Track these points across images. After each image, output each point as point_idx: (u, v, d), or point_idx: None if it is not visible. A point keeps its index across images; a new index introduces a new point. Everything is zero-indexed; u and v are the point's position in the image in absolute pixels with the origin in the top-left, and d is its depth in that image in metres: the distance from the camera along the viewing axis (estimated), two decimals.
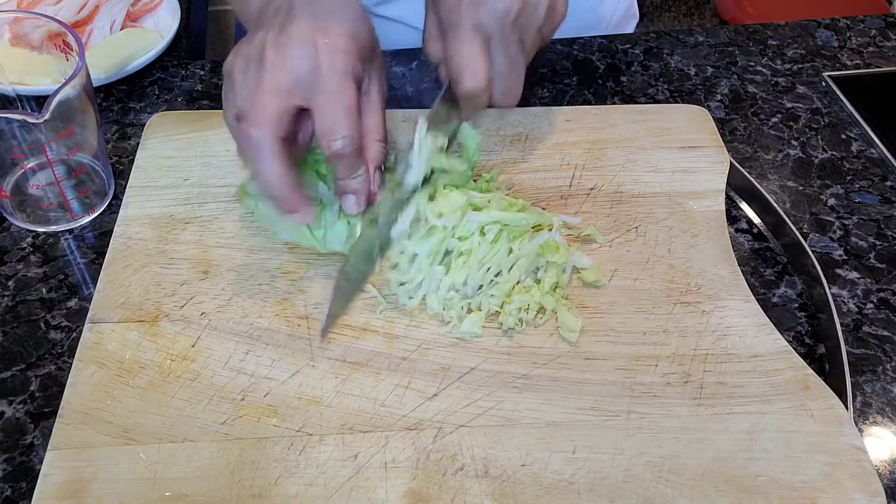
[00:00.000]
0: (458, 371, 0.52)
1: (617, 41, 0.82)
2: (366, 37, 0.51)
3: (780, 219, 0.63)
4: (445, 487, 0.47)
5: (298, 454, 0.48)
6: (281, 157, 0.48)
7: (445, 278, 0.54)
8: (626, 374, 0.52)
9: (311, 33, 0.48)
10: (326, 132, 0.48)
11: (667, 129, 0.69)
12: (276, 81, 0.48)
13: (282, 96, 0.48)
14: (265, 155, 0.48)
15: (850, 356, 0.56)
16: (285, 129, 0.48)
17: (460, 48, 0.52)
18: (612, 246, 0.60)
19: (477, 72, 0.53)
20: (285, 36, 0.48)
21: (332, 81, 0.48)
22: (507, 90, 0.55)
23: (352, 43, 0.49)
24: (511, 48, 0.53)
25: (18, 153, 0.59)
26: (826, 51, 0.83)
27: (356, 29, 0.50)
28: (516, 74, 0.55)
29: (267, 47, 0.48)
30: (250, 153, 0.48)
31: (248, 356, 0.52)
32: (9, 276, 0.59)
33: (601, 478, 0.47)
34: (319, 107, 0.48)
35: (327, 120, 0.48)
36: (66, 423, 0.48)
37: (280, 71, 0.48)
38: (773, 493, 0.47)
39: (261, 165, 0.48)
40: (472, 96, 0.54)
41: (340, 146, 0.49)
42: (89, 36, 0.78)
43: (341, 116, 0.48)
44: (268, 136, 0.47)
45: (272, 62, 0.48)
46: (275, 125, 0.47)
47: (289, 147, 0.49)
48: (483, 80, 0.53)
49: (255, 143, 0.47)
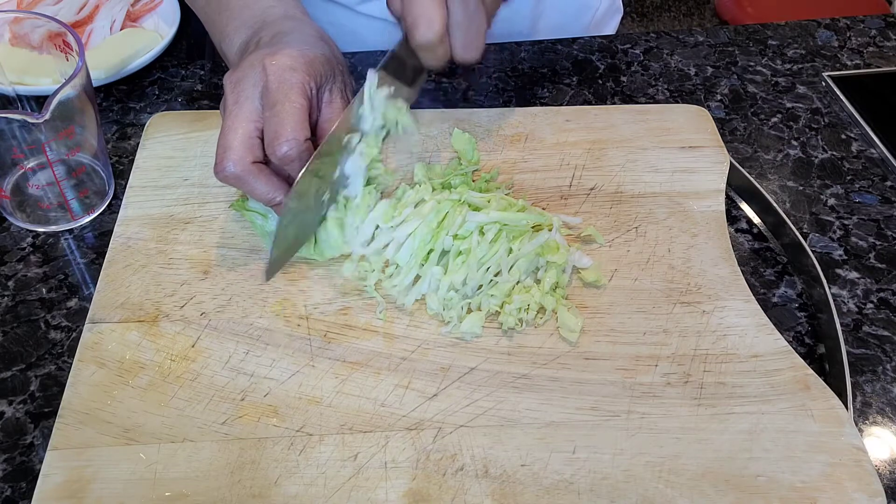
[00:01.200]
0: (458, 371, 0.52)
1: (617, 41, 0.82)
2: (319, 56, 0.55)
3: (780, 219, 0.63)
4: (445, 487, 0.47)
5: (298, 454, 0.48)
6: (261, 176, 0.53)
7: (445, 278, 0.54)
8: (626, 374, 0.52)
9: (260, 59, 0.53)
10: (272, 138, 0.52)
11: (667, 129, 0.69)
12: (234, 115, 0.53)
13: (241, 127, 0.52)
14: (246, 182, 0.53)
15: (850, 356, 0.56)
16: (255, 153, 0.53)
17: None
18: (612, 246, 0.60)
19: (432, 22, 0.52)
20: (240, 68, 0.54)
21: (278, 93, 0.52)
22: (466, 43, 0.55)
23: (299, 60, 0.53)
24: (470, 2, 0.53)
25: (18, 153, 0.59)
26: (826, 51, 0.83)
27: (306, 51, 0.54)
28: (476, 27, 0.54)
29: (226, 84, 0.54)
30: (235, 185, 0.53)
31: (248, 356, 0.52)
32: (9, 276, 0.59)
33: (601, 478, 0.47)
34: (267, 118, 0.53)
35: (273, 127, 0.52)
36: (66, 423, 0.48)
37: (235, 104, 0.53)
38: (773, 493, 0.47)
39: (249, 191, 0.53)
40: (427, 47, 0.54)
41: (286, 150, 0.52)
42: (89, 36, 0.78)
43: (286, 122, 0.52)
44: (239, 168, 0.52)
45: (231, 97, 0.53)
46: (242, 156, 0.52)
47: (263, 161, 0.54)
48: (439, 30, 0.53)
49: (233, 179, 0.52)
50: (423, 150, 0.66)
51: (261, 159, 0.53)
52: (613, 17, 0.96)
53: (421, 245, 0.55)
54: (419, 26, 0.53)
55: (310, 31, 0.58)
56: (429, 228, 0.55)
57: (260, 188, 0.53)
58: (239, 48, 0.60)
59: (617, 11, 0.96)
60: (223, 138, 0.52)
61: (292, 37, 0.56)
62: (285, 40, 0.55)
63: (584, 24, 0.92)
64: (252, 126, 0.53)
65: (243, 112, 0.53)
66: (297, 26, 0.58)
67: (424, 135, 0.67)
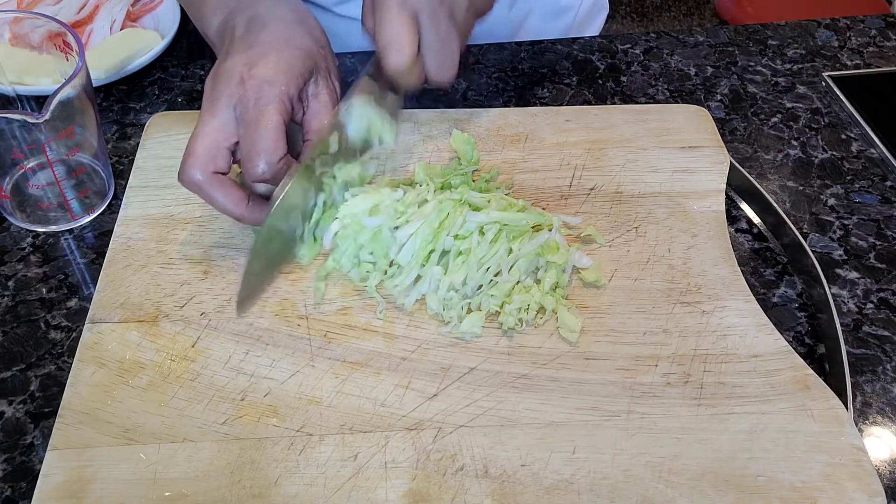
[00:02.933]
0: (458, 371, 0.52)
1: (617, 41, 0.82)
2: (298, 54, 0.54)
3: (780, 219, 0.63)
4: (445, 487, 0.47)
5: (298, 454, 0.48)
6: (220, 188, 0.52)
7: (445, 278, 0.54)
8: (626, 374, 0.52)
9: (239, 69, 0.53)
10: (246, 158, 0.52)
11: (667, 129, 0.69)
12: (206, 123, 0.52)
13: (210, 136, 0.52)
14: (204, 191, 0.53)
15: (850, 356, 0.56)
16: (220, 164, 0.53)
17: (386, 24, 0.53)
18: (612, 246, 0.60)
19: (402, 48, 0.53)
20: (219, 74, 0.53)
21: (254, 111, 0.52)
22: (439, 66, 0.55)
23: (277, 71, 0.53)
24: (441, 24, 0.53)
25: (18, 153, 0.59)
26: (826, 51, 0.83)
27: (284, 52, 0.54)
28: (449, 50, 0.55)
29: (206, 85, 0.54)
30: (195, 192, 0.53)
31: (248, 356, 0.52)
32: (9, 276, 0.59)
33: (601, 478, 0.47)
34: (242, 136, 0.52)
35: (247, 147, 0.52)
36: (66, 423, 0.48)
37: (209, 111, 0.53)
38: (773, 493, 0.47)
39: (208, 200, 0.53)
40: (397, 72, 0.54)
41: (260, 170, 0.52)
42: (89, 36, 0.78)
43: (260, 142, 0.51)
44: (199, 176, 0.52)
45: (206, 101, 0.53)
46: (204, 165, 0.52)
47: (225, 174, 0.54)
48: (408, 56, 0.53)
49: (193, 186, 0.52)
50: (423, 150, 0.66)
51: (224, 171, 0.53)
52: (599, 15, 0.96)
53: (423, 245, 0.55)
54: (390, 52, 0.53)
55: (287, 14, 0.57)
56: (430, 228, 0.55)
57: (219, 199, 0.53)
58: (216, 30, 0.59)
59: (602, 9, 0.96)
60: (190, 144, 0.52)
61: (271, 29, 0.55)
62: (265, 38, 0.54)
63: (566, 23, 0.92)
64: (221, 137, 0.52)
65: (215, 122, 0.52)
66: (274, 7, 0.57)
67: (424, 135, 0.67)
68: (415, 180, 0.62)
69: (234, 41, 0.55)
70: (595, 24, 0.96)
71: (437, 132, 0.67)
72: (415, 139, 0.67)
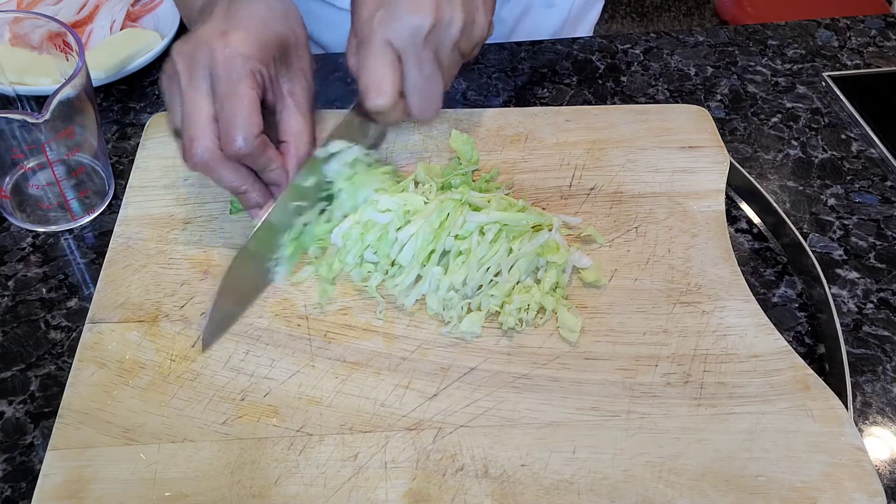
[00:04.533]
0: (458, 371, 0.52)
1: (617, 41, 0.82)
2: (273, 38, 0.53)
3: (780, 219, 0.63)
4: (445, 487, 0.47)
5: (298, 454, 0.48)
6: (228, 164, 0.52)
7: (445, 278, 0.54)
8: (626, 374, 0.52)
9: (211, 38, 0.51)
10: (223, 134, 0.51)
11: (667, 129, 0.69)
12: (193, 100, 0.51)
13: (204, 113, 0.51)
14: (214, 170, 0.52)
15: (850, 356, 0.56)
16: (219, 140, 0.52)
17: (369, 64, 0.53)
18: (612, 246, 0.60)
19: (383, 89, 0.53)
20: (190, 41, 0.52)
21: (227, 84, 0.51)
22: (423, 105, 0.55)
23: (251, 46, 0.51)
24: (425, 65, 0.53)
25: (18, 153, 0.59)
26: (826, 51, 0.83)
27: (260, 31, 0.52)
28: (432, 90, 0.55)
29: (176, 57, 0.52)
30: (204, 172, 0.52)
31: (248, 356, 0.52)
32: (9, 276, 0.59)
33: (601, 478, 0.47)
34: (218, 111, 0.51)
35: (224, 123, 0.51)
36: (66, 423, 0.48)
37: (190, 86, 0.51)
38: (773, 493, 0.47)
39: (216, 179, 0.53)
40: (379, 112, 0.54)
41: (237, 146, 0.51)
42: (89, 36, 0.78)
43: (237, 117, 0.51)
44: (208, 156, 0.51)
45: (184, 75, 0.52)
46: (211, 144, 0.51)
47: None
48: (389, 97, 0.53)
49: (202, 166, 0.52)
50: (423, 150, 0.66)
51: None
52: (595, 6, 0.96)
53: (423, 245, 0.55)
54: (370, 92, 0.53)
55: (273, 4, 0.56)
56: (431, 228, 0.55)
57: (227, 176, 0.52)
58: (199, 9, 0.58)
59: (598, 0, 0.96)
60: (189, 126, 0.51)
61: (253, 8, 0.54)
62: (244, 14, 0.53)
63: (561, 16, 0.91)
64: (213, 110, 0.52)
65: (201, 96, 0.51)
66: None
67: (424, 135, 0.67)
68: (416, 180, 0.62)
69: (213, 15, 0.54)
70: (593, 13, 0.96)
71: (437, 132, 0.67)
72: (415, 139, 0.67)
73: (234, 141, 0.51)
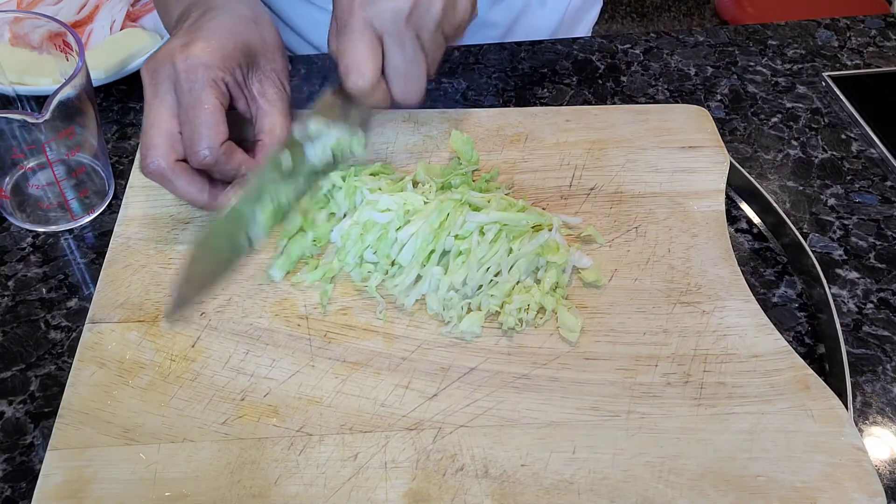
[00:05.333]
0: (458, 371, 0.52)
1: (617, 41, 0.82)
2: (239, 45, 0.54)
3: (780, 219, 0.63)
4: (445, 487, 0.47)
5: (298, 454, 0.48)
6: (183, 175, 0.53)
7: (445, 278, 0.54)
8: (626, 374, 0.52)
9: (174, 51, 0.53)
10: (188, 145, 0.53)
11: (667, 129, 0.69)
12: (155, 111, 0.53)
13: (163, 124, 0.53)
14: (169, 181, 0.53)
15: (850, 356, 0.56)
16: (178, 150, 0.53)
17: (349, 45, 0.53)
18: (612, 246, 0.60)
19: (363, 69, 0.53)
20: (156, 58, 0.54)
21: (190, 95, 0.52)
22: (405, 88, 0.55)
23: (213, 54, 0.53)
24: (407, 46, 0.53)
25: (18, 153, 0.59)
26: (826, 51, 0.83)
27: (225, 40, 0.54)
28: (415, 73, 0.55)
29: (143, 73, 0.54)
30: (159, 182, 0.54)
31: (248, 356, 0.52)
32: (9, 276, 0.59)
33: (601, 478, 0.47)
34: (182, 122, 0.53)
35: (188, 133, 0.52)
36: (66, 423, 0.48)
37: (154, 98, 0.53)
38: (773, 493, 0.47)
39: (172, 189, 0.54)
40: (359, 94, 0.54)
41: (202, 157, 0.52)
42: (89, 36, 0.78)
43: (200, 128, 0.52)
44: (164, 166, 0.53)
45: (149, 90, 0.53)
46: (166, 154, 0.52)
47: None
48: (368, 79, 0.53)
49: (157, 176, 0.53)
50: (423, 150, 0.66)
51: (183, 157, 0.54)
52: (593, 8, 0.96)
53: (423, 245, 0.55)
54: (350, 73, 0.53)
55: (242, 11, 0.57)
56: (431, 228, 0.55)
57: (182, 187, 0.53)
58: (175, 20, 0.59)
59: (596, 2, 0.96)
60: (146, 136, 0.53)
61: (219, 20, 0.55)
62: (209, 25, 0.54)
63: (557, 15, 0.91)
64: (174, 122, 0.53)
65: (164, 108, 0.53)
66: (231, 3, 0.57)
67: (424, 135, 0.67)
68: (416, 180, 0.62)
69: (181, 28, 0.56)
70: (591, 15, 0.96)
71: (437, 132, 0.67)
72: (415, 139, 0.67)
73: (198, 151, 0.52)
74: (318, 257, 0.58)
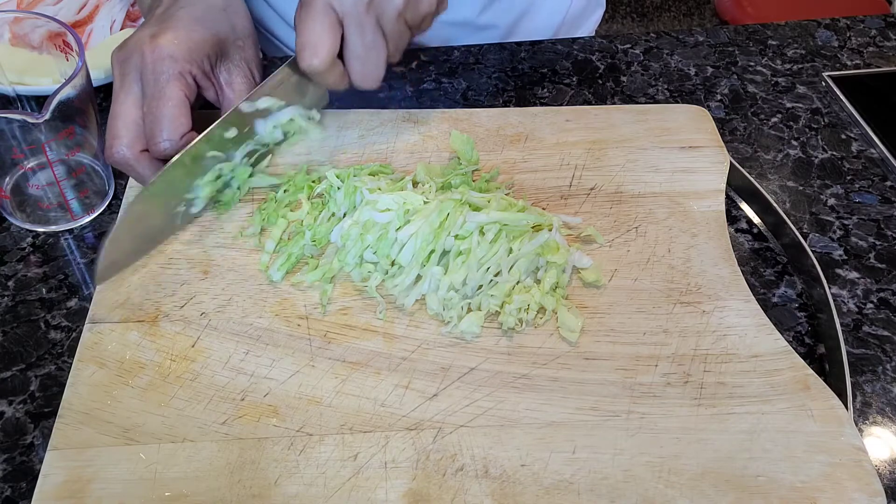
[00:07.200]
0: (458, 371, 0.52)
1: (617, 41, 0.82)
2: (208, 38, 0.55)
3: (780, 219, 0.63)
4: (445, 487, 0.47)
5: (298, 454, 0.48)
6: (149, 164, 0.54)
7: (444, 278, 0.54)
8: (626, 374, 0.52)
9: (142, 42, 0.54)
10: (149, 135, 0.54)
11: (667, 129, 0.69)
12: (121, 101, 0.54)
13: (129, 114, 0.54)
14: (133, 169, 0.55)
15: (850, 356, 0.56)
16: (143, 140, 0.54)
17: (307, 25, 0.53)
18: (612, 246, 0.60)
19: (318, 50, 0.53)
20: (126, 48, 0.55)
21: (154, 87, 0.53)
22: (363, 72, 0.56)
23: (180, 47, 0.54)
24: (367, 31, 0.53)
25: (18, 153, 0.59)
26: (826, 51, 0.83)
27: (194, 31, 0.55)
28: (373, 58, 0.55)
29: (113, 61, 0.55)
30: (124, 170, 0.55)
31: (248, 356, 0.52)
32: (9, 276, 0.59)
33: (601, 478, 0.47)
34: (145, 113, 0.54)
35: (150, 124, 0.54)
36: (66, 423, 0.48)
37: (121, 88, 0.54)
38: (773, 493, 0.47)
39: (136, 177, 0.56)
40: (312, 73, 0.55)
41: (163, 148, 0.53)
42: (89, 36, 0.78)
43: (162, 119, 0.53)
44: (128, 155, 0.54)
45: (117, 80, 0.55)
46: (131, 143, 0.54)
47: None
48: (322, 59, 0.53)
49: (122, 164, 0.55)
50: (423, 150, 0.66)
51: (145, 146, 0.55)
52: (595, 12, 0.96)
53: (423, 245, 0.55)
54: (304, 52, 0.53)
55: (213, 1, 0.57)
56: (431, 228, 0.55)
57: (145, 174, 0.54)
58: (147, 9, 0.60)
59: (598, 6, 0.96)
60: (112, 124, 0.54)
61: (188, 9, 0.55)
62: (178, 15, 0.55)
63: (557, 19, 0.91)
64: (139, 113, 0.54)
65: (130, 98, 0.54)
66: None
67: (424, 135, 0.67)
68: (416, 180, 0.62)
69: (154, 16, 0.56)
70: (592, 20, 0.96)
71: (437, 132, 0.67)
72: (415, 139, 0.67)
73: (159, 142, 0.53)
74: (318, 257, 0.58)
